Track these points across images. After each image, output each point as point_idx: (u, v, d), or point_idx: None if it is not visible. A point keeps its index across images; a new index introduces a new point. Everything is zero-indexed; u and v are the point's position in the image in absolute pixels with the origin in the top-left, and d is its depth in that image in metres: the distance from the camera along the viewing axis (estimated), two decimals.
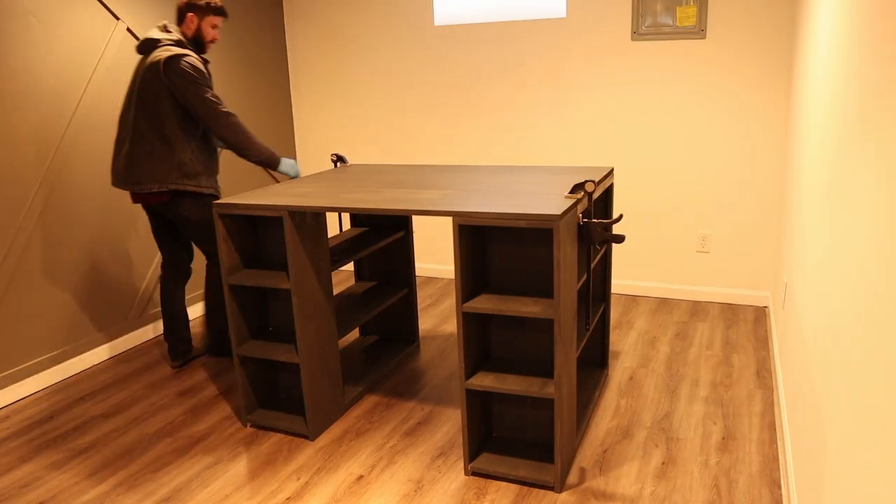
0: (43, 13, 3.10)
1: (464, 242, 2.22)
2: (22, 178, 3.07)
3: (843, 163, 1.55)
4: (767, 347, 3.30)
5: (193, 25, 3.01)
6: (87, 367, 3.42)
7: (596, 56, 3.89)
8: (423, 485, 2.35)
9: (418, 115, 4.42)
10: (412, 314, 3.41)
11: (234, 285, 2.64)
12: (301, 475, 2.44)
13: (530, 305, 2.21)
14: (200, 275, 4.11)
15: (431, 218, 4.61)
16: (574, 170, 2.89)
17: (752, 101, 3.63)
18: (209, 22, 3.02)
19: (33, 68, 3.07)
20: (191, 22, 3.00)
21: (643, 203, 4.00)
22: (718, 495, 2.22)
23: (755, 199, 3.74)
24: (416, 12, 4.25)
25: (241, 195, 2.69)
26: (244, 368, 2.74)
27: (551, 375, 2.31)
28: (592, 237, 2.29)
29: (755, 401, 2.81)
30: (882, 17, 1.22)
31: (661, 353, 3.30)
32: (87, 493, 2.39)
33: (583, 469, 2.40)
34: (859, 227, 1.31)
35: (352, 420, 2.80)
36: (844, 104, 1.61)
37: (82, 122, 3.31)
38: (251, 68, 4.36)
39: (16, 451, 2.68)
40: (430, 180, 2.78)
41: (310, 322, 2.60)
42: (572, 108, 4.02)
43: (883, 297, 1.07)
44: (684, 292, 4.02)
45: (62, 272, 3.27)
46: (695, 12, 3.62)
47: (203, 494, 2.35)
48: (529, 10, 4.00)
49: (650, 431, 2.62)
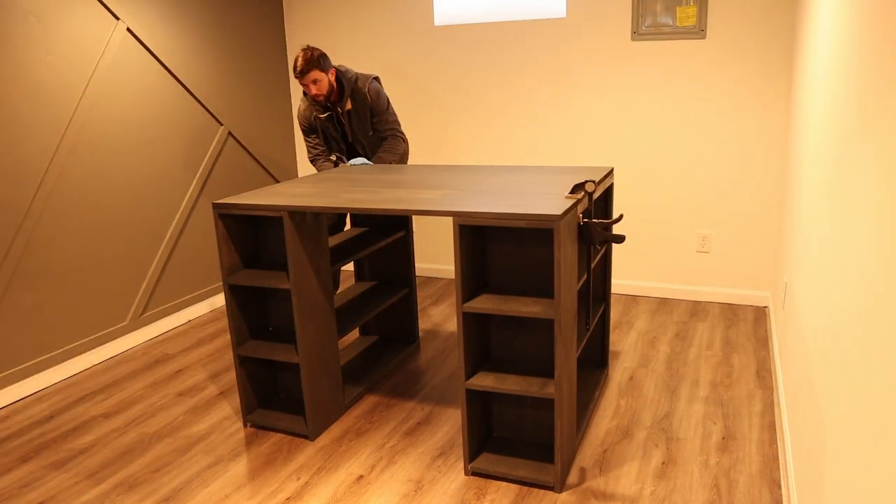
0: (43, 13, 3.10)
1: (464, 242, 2.22)
2: (22, 178, 3.07)
3: (843, 162, 1.55)
4: (767, 347, 3.30)
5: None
6: (87, 367, 3.42)
7: (596, 56, 3.89)
8: (423, 485, 2.35)
9: (418, 114, 4.42)
10: (412, 314, 3.41)
11: (234, 285, 2.64)
12: (301, 475, 2.44)
13: (530, 305, 2.21)
14: (203, 275, 4.11)
15: (431, 218, 4.61)
16: (574, 170, 2.89)
17: (752, 101, 3.63)
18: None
19: (33, 68, 3.07)
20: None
21: (643, 203, 4.00)
22: (718, 495, 2.22)
23: (755, 199, 3.74)
24: (416, 12, 4.25)
25: (241, 195, 2.69)
26: (244, 368, 2.74)
27: (551, 375, 2.31)
28: (592, 237, 2.29)
29: (755, 401, 2.81)
30: (882, 17, 1.22)
31: (661, 353, 3.30)
32: (87, 493, 2.39)
33: (583, 469, 2.40)
34: (859, 226, 1.30)
35: (352, 420, 2.80)
36: (844, 104, 1.61)
37: (82, 122, 3.31)
38: (251, 68, 4.36)
39: (16, 451, 2.68)
40: (430, 180, 2.78)
41: (310, 322, 2.60)
42: (572, 108, 4.02)
43: (883, 297, 1.07)
44: (684, 292, 4.02)
45: (62, 272, 3.27)
46: (695, 12, 3.61)
47: (203, 494, 2.35)
48: (529, 10, 4.00)
49: (650, 431, 2.62)
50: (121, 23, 3.47)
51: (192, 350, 3.59)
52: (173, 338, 3.78)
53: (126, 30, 3.50)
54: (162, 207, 3.80)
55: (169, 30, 3.75)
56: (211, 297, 4.20)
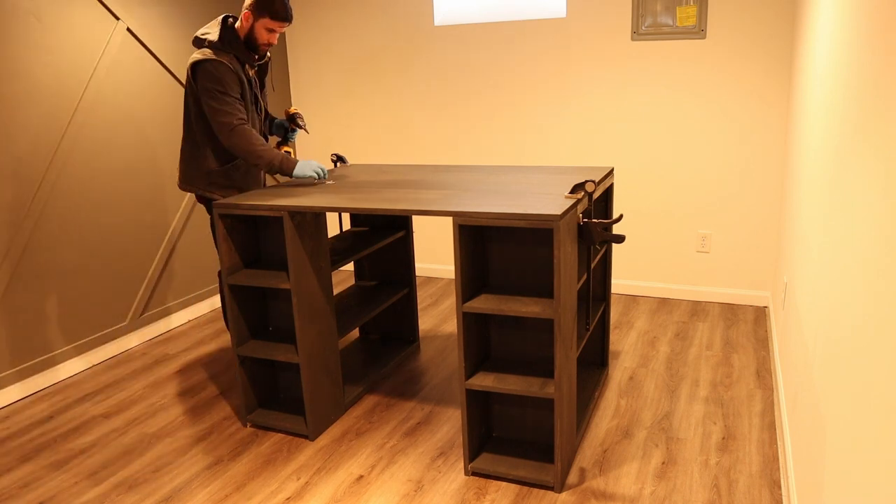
0: (43, 13, 3.10)
1: (464, 242, 2.22)
2: (22, 178, 3.07)
3: (843, 162, 1.55)
4: (767, 347, 3.30)
5: (247, 24, 2.75)
6: (87, 367, 3.42)
7: (596, 56, 3.89)
8: (423, 485, 2.35)
9: (418, 114, 4.42)
10: (412, 314, 3.41)
11: (235, 285, 2.64)
12: (301, 475, 2.44)
13: (530, 305, 2.21)
14: (203, 275, 4.11)
15: (431, 218, 4.61)
16: (574, 170, 2.89)
17: (752, 101, 3.63)
18: (263, 24, 2.73)
19: (33, 68, 3.07)
20: (245, 20, 2.75)
21: (643, 203, 4.00)
22: (718, 495, 2.22)
23: (755, 199, 3.74)
24: (416, 12, 4.25)
25: (241, 195, 2.69)
26: (244, 368, 2.74)
27: (551, 375, 2.31)
28: (592, 237, 2.29)
29: (755, 401, 2.81)
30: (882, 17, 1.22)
31: (661, 353, 3.30)
32: (87, 493, 2.39)
33: (583, 469, 2.40)
34: (859, 226, 1.30)
35: (352, 420, 2.80)
36: (844, 103, 1.61)
37: (82, 122, 3.31)
38: None
39: (16, 451, 2.68)
40: (430, 180, 2.78)
41: (310, 322, 2.60)
42: (572, 108, 4.02)
43: (883, 297, 1.07)
44: (684, 292, 4.02)
45: (62, 272, 3.27)
46: (695, 12, 3.61)
47: (203, 494, 2.35)
48: (529, 10, 4.00)
49: (650, 431, 2.62)
50: (121, 23, 3.47)
51: (192, 350, 3.59)
52: (173, 338, 3.78)
53: (126, 30, 3.50)
54: (162, 207, 3.80)
55: (169, 30, 3.75)
56: (211, 297, 4.20)
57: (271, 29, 2.75)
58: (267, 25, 2.73)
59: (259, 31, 2.75)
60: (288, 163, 2.77)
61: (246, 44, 2.78)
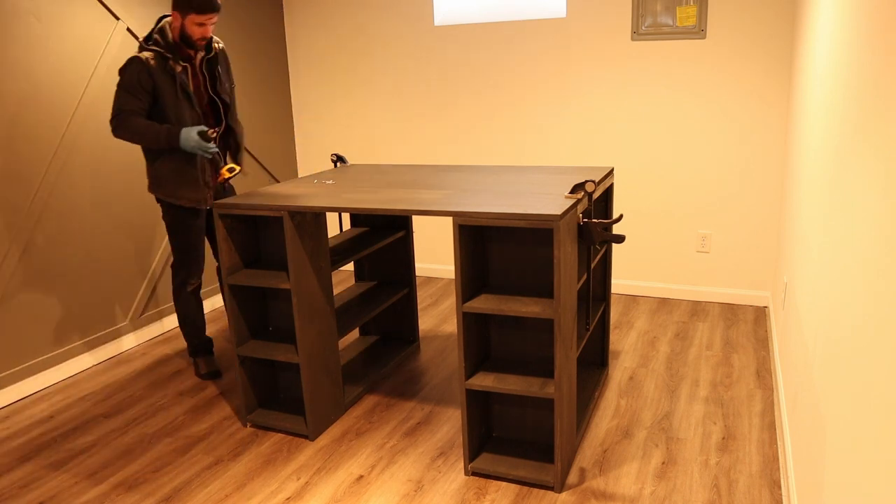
0: (43, 13, 3.10)
1: (464, 242, 2.22)
2: (22, 178, 3.07)
3: (843, 162, 1.55)
4: (767, 347, 3.30)
5: (177, 23, 2.80)
6: (87, 367, 3.42)
7: (596, 56, 3.89)
8: (423, 485, 2.35)
9: (418, 114, 4.42)
10: (412, 314, 3.41)
11: (234, 285, 2.64)
12: (301, 475, 2.44)
13: (530, 305, 2.21)
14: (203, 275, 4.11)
15: (431, 218, 4.61)
16: (574, 170, 2.89)
17: (752, 101, 3.63)
18: (191, 20, 2.76)
19: (33, 68, 3.07)
20: (174, 20, 2.80)
21: (643, 203, 4.00)
22: (718, 495, 2.22)
23: (755, 199, 3.74)
24: (416, 12, 4.25)
25: (241, 195, 2.69)
26: (244, 368, 2.74)
27: (551, 375, 2.31)
28: (592, 237, 2.29)
29: (755, 401, 2.81)
30: (882, 17, 1.22)
31: (661, 353, 3.30)
32: (87, 493, 2.39)
33: (583, 469, 2.40)
34: (859, 226, 1.30)
35: (352, 420, 2.80)
36: (844, 103, 1.61)
37: (82, 122, 3.31)
38: (251, 68, 4.36)
39: (16, 451, 2.68)
40: (430, 180, 2.78)
41: (310, 322, 2.60)
42: (572, 108, 4.02)
43: (883, 297, 1.07)
44: (684, 292, 4.02)
45: (62, 272, 3.27)
46: (695, 12, 3.61)
47: (203, 494, 2.35)
48: (529, 10, 4.00)
49: (650, 431, 2.62)
50: (121, 23, 3.47)
51: None
52: (173, 338, 3.78)
53: (126, 30, 3.50)
54: None
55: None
56: (211, 297, 4.20)
57: (200, 23, 2.79)
58: (195, 20, 2.78)
59: (190, 27, 2.80)
60: (171, 136, 2.81)
61: (184, 41, 2.85)
